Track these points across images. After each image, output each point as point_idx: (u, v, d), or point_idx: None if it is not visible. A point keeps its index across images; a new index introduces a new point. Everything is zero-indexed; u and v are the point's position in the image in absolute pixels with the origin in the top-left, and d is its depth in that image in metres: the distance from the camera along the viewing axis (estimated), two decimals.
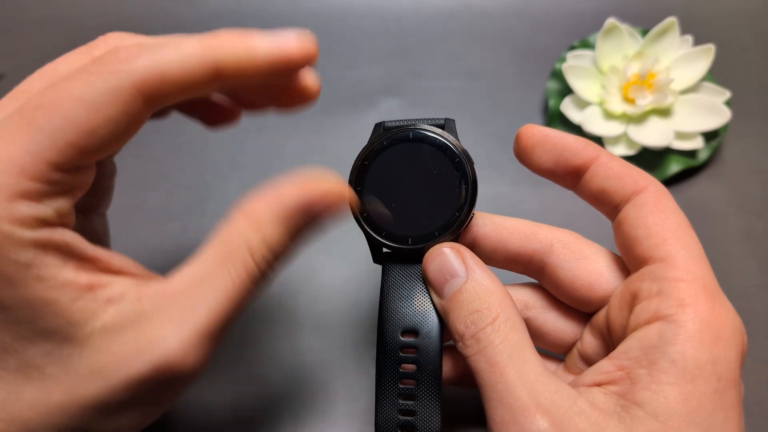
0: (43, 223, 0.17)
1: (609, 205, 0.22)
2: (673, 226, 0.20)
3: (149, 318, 0.18)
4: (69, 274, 0.17)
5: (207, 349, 0.18)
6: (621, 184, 0.21)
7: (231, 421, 0.30)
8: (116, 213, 0.36)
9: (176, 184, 0.37)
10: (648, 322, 0.19)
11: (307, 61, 0.20)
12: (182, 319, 0.18)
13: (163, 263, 0.34)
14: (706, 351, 0.18)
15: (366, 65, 0.41)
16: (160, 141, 0.38)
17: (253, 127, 0.38)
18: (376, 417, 0.22)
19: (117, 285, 0.18)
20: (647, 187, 0.21)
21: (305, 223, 0.19)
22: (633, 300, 0.20)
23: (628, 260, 0.21)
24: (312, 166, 0.38)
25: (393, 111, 0.39)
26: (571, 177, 0.22)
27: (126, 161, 0.37)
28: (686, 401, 0.17)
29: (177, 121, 0.39)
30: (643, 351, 0.18)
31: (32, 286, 0.17)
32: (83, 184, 0.19)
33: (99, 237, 0.26)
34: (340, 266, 0.34)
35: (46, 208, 0.17)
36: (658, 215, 0.20)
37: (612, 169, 0.21)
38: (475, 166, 0.22)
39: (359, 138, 0.38)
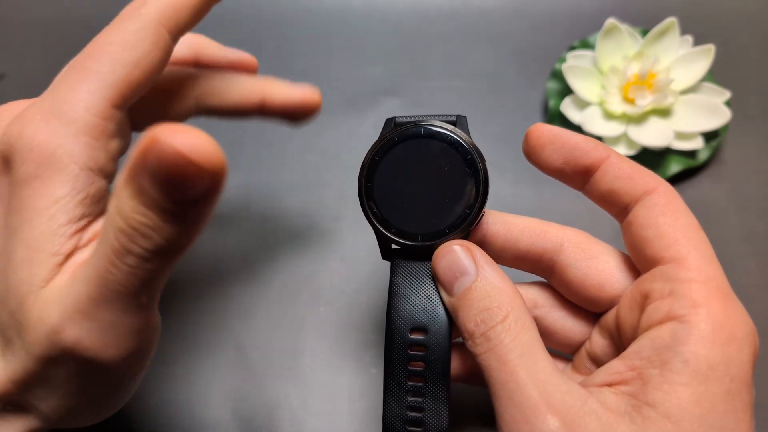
0: (93, 161, 0.19)
1: (618, 206, 0.22)
2: (684, 227, 0.20)
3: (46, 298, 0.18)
4: (72, 229, 0.19)
5: (106, 328, 0.18)
6: (631, 185, 0.21)
7: (231, 422, 0.30)
8: None
9: None
10: (660, 323, 0.19)
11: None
12: (62, 296, 0.18)
13: None
14: (719, 352, 0.18)
15: (366, 65, 0.41)
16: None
17: (253, 127, 0.38)
18: (384, 413, 0.22)
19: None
20: (657, 188, 0.21)
21: (151, 183, 0.15)
22: (644, 300, 0.20)
23: (639, 261, 0.21)
24: (312, 166, 0.38)
25: (393, 111, 0.39)
26: (580, 177, 0.22)
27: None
28: (699, 402, 0.17)
29: None
30: (656, 351, 0.18)
31: (43, 223, 0.19)
32: (127, 136, 0.22)
33: None
34: (340, 267, 0.34)
35: (100, 148, 0.20)
36: (668, 216, 0.20)
37: (622, 170, 0.21)
38: (486, 163, 0.22)
39: (359, 138, 0.39)
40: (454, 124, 0.23)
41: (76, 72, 0.20)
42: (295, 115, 0.28)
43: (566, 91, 0.38)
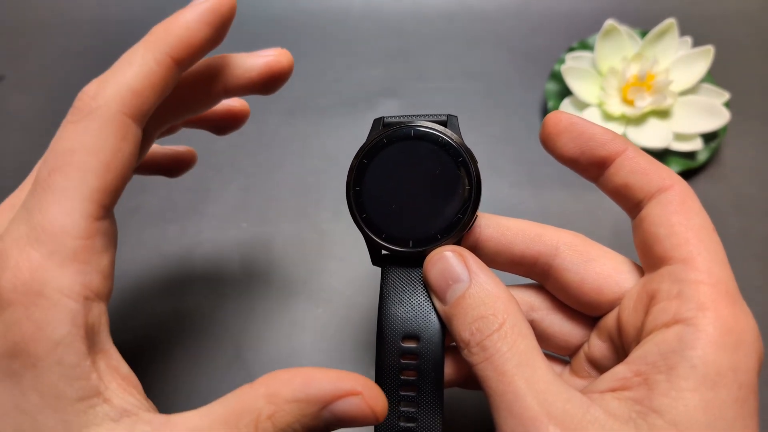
0: (86, 289, 0.17)
1: (631, 201, 0.21)
2: (697, 227, 0.19)
3: None
4: (86, 367, 0.17)
5: None
6: (646, 180, 0.20)
7: None
8: (115, 215, 0.36)
9: (175, 187, 0.37)
10: (666, 325, 0.18)
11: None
12: None
13: (162, 266, 0.34)
14: (728, 357, 0.17)
15: (365, 66, 0.41)
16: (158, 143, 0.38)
17: (252, 130, 0.38)
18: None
19: (119, 401, 0.17)
20: (673, 185, 0.20)
21: (320, 416, 0.17)
22: (650, 301, 0.19)
23: (646, 259, 0.21)
24: (311, 168, 0.38)
25: (392, 112, 0.39)
26: (595, 168, 0.21)
27: None
28: (707, 409, 0.17)
29: None
30: (662, 355, 0.18)
31: (52, 369, 0.16)
32: (113, 234, 0.19)
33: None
34: (340, 268, 0.34)
35: (91, 271, 0.17)
36: (682, 215, 0.19)
37: (638, 164, 0.20)
38: (479, 165, 0.22)
39: (358, 139, 0.38)
40: (444, 123, 0.22)
41: (44, 192, 0.17)
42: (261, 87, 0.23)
43: (565, 92, 0.38)
